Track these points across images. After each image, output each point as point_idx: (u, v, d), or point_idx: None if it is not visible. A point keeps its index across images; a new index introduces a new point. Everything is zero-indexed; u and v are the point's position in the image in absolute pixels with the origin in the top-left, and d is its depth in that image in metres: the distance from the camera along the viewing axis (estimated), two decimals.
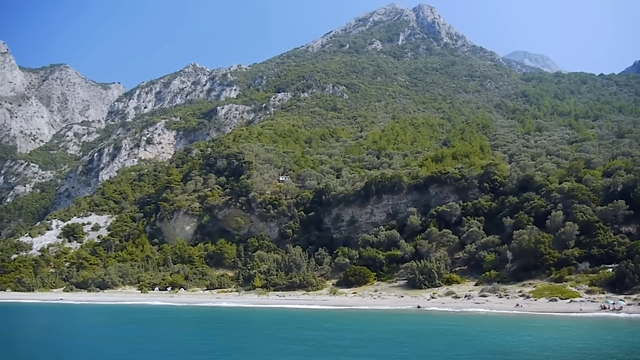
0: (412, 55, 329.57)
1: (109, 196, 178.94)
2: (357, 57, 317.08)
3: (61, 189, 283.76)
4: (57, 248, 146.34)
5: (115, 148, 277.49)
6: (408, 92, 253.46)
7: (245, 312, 74.45)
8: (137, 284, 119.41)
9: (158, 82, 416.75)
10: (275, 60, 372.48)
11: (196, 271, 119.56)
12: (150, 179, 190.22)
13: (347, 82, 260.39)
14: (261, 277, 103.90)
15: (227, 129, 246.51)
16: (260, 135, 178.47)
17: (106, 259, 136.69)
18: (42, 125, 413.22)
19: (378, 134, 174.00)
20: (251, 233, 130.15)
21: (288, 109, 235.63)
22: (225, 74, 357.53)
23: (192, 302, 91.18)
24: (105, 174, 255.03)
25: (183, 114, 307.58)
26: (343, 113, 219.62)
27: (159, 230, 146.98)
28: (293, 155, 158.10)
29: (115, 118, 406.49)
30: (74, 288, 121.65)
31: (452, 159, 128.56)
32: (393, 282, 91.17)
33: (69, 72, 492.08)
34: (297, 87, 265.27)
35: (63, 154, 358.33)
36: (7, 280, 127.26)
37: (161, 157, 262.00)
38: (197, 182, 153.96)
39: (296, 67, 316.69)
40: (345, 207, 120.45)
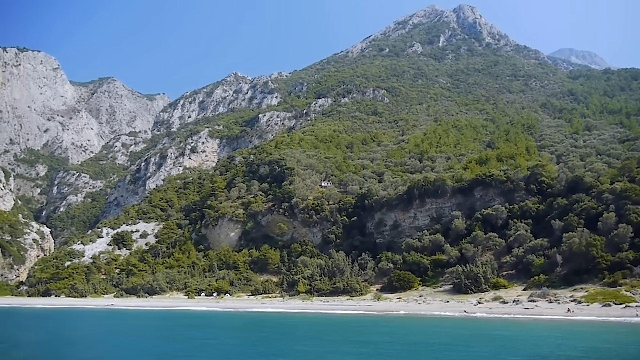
0: (454, 57, 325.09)
1: (155, 204, 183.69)
2: (397, 60, 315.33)
3: (110, 198, 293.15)
4: (107, 255, 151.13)
5: (161, 157, 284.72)
6: (450, 94, 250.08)
7: (291, 317, 74.70)
8: (184, 290, 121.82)
9: (201, 92, 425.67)
10: (315, 67, 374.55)
11: (241, 277, 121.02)
12: (195, 187, 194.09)
13: (387, 85, 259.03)
14: (305, 283, 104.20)
15: (269, 135, 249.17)
16: (301, 141, 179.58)
17: (154, 266, 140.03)
18: (92, 137, 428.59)
19: (420, 137, 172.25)
20: (294, 239, 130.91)
21: (329, 114, 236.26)
22: (266, 82, 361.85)
23: (239, 307, 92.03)
24: (152, 182, 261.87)
25: (226, 122, 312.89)
26: (384, 117, 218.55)
27: (204, 236, 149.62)
28: (334, 161, 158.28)
29: (161, 128, 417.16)
30: (124, 294, 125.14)
31: (497, 160, 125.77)
32: (438, 287, 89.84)
33: (116, 85, 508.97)
34: (338, 93, 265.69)
35: (112, 164, 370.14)
36: (61, 286, 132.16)
37: (205, 165, 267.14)
38: (240, 189, 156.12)
39: (336, 73, 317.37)
40: (388, 211, 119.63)
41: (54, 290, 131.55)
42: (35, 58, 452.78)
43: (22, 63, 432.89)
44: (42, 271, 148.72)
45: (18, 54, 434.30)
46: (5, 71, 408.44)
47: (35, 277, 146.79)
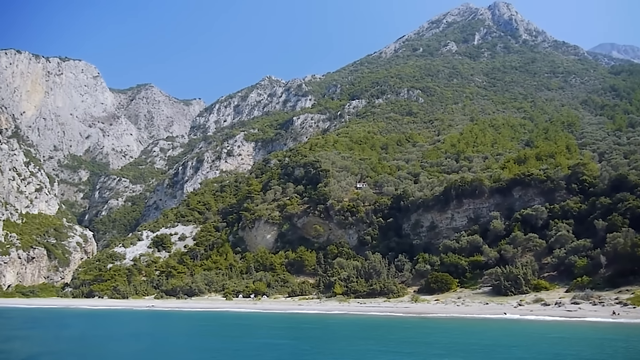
0: (489, 55, 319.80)
1: (193, 207, 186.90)
2: (431, 60, 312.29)
3: (150, 202, 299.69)
4: (147, 257, 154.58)
5: (198, 161, 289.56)
6: (486, 93, 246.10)
7: (331, 318, 74.77)
8: (222, 292, 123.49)
9: (236, 96, 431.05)
10: (349, 68, 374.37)
11: (278, 278, 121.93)
12: (232, 190, 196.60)
13: (422, 85, 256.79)
14: (341, 284, 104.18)
15: (303, 138, 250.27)
16: (336, 143, 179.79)
17: (193, 268, 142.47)
18: (131, 142, 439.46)
19: (456, 137, 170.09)
20: (330, 240, 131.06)
21: (363, 115, 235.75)
22: (300, 85, 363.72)
23: (278, 308, 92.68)
24: (189, 186, 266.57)
25: (261, 125, 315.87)
26: (419, 117, 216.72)
27: (242, 239, 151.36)
28: (369, 162, 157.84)
29: (197, 132, 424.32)
30: (164, 295, 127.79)
31: (536, 160, 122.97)
32: (477, 289, 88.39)
33: (153, 91, 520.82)
34: (371, 94, 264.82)
35: (150, 169, 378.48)
36: (104, 288, 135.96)
37: (241, 168, 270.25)
38: (276, 192, 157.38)
39: (370, 74, 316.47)
40: (425, 212, 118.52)
41: (97, 291, 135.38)
42: (76, 67, 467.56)
43: (64, 72, 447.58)
44: (85, 273, 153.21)
45: (60, 63, 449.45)
46: (48, 80, 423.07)
47: (80, 279, 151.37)
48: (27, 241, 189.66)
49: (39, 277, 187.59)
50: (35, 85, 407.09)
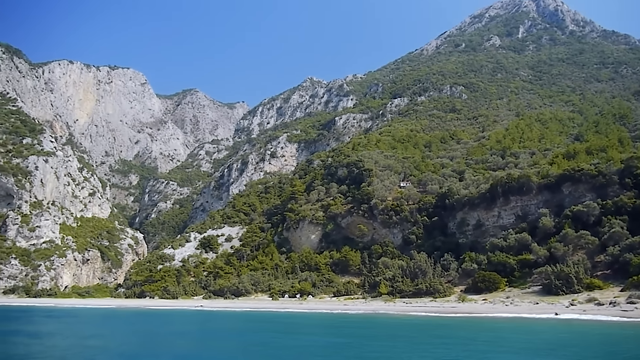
0: (534, 48, 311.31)
1: (239, 209, 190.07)
2: (474, 55, 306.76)
3: (197, 204, 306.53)
4: (195, 258, 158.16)
5: (243, 163, 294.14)
6: (532, 87, 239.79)
7: (380, 318, 74.78)
8: (268, 292, 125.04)
9: (278, 98, 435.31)
10: (390, 67, 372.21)
11: (323, 278, 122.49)
12: (276, 191, 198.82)
13: (465, 82, 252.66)
14: (387, 284, 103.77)
15: (345, 138, 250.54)
16: (378, 142, 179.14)
17: (239, 268, 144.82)
18: (178, 146, 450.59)
19: (501, 132, 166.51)
20: (374, 240, 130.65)
21: (405, 114, 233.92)
22: (342, 85, 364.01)
23: (324, 308, 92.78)
24: (235, 188, 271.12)
25: (303, 126, 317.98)
26: (463, 114, 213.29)
27: (286, 239, 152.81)
28: (413, 161, 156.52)
29: (241, 135, 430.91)
30: (212, 295, 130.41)
31: (587, 154, 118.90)
32: (526, 289, 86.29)
33: (198, 96, 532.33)
34: (414, 92, 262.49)
35: (197, 172, 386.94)
36: (154, 288, 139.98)
37: (285, 170, 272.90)
38: (319, 192, 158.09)
39: (411, 72, 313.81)
40: (470, 210, 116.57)
41: (148, 292, 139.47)
42: (125, 75, 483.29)
43: (113, 80, 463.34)
44: (137, 274, 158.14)
45: (110, 72, 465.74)
46: (99, 89, 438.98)
47: (132, 279, 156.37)
48: (82, 244, 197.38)
49: (93, 278, 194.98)
50: (87, 94, 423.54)
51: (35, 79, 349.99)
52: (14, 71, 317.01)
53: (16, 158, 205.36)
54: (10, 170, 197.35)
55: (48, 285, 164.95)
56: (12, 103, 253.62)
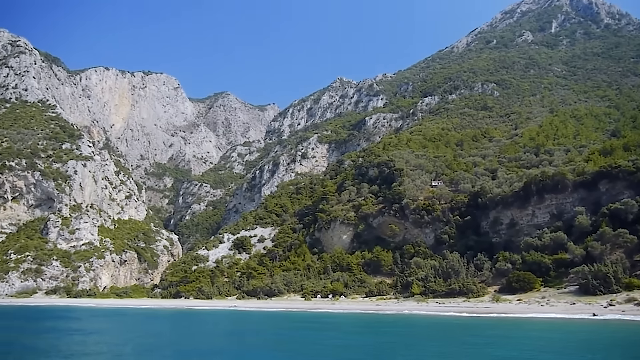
0: (568, 43, 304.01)
1: (271, 210, 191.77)
2: (505, 51, 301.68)
3: (230, 205, 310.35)
4: (229, 259, 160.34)
5: (274, 164, 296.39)
6: (566, 83, 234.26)
7: (415, 318, 74.65)
8: (300, 292, 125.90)
9: (308, 99, 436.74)
10: (420, 65, 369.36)
11: (355, 279, 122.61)
12: (307, 192, 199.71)
13: (496, 79, 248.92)
14: (419, 284, 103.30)
15: (376, 138, 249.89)
16: (409, 142, 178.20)
17: (272, 269, 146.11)
18: (211, 149, 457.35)
19: (535, 130, 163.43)
20: (406, 240, 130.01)
21: (436, 112, 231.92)
22: (371, 85, 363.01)
23: (357, 308, 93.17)
24: (266, 189, 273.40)
25: (333, 127, 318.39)
26: (495, 111, 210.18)
27: (318, 240, 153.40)
28: (444, 159, 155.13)
29: (272, 136, 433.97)
30: (245, 296, 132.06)
31: (624, 150, 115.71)
32: (562, 288, 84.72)
33: (230, 99, 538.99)
34: (444, 90, 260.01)
35: (229, 174, 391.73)
36: (189, 289, 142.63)
37: (316, 170, 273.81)
38: (350, 192, 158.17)
39: (442, 70, 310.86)
40: (504, 209, 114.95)
41: (183, 292, 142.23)
42: (158, 80, 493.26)
43: (147, 85, 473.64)
44: (172, 275, 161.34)
45: (144, 77, 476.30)
46: (134, 94, 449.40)
47: (167, 280, 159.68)
48: (120, 245, 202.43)
49: (130, 279, 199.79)
50: (122, 99, 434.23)
51: (73, 86, 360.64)
52: (53, 79, 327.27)
53: (56, 163, 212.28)
54: (50, 174, 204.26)
55: (87, 286, 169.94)
56: (52, 110, 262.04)
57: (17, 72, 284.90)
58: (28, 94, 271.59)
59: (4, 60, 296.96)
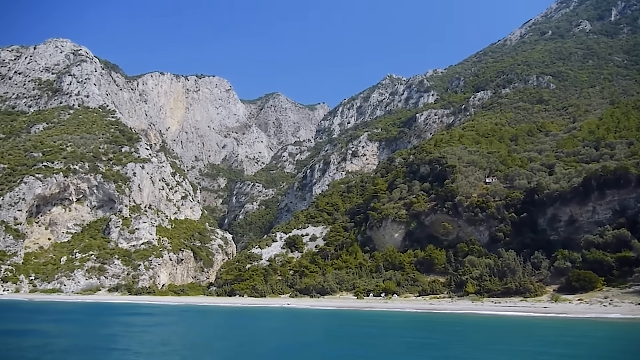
0: (629, 30, 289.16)
1: (322, 208, 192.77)
2: (562, 42, 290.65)
3: (281, 205, 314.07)
4: (282, 258, 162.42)
5: (325, 163, 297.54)
6: (627, 73, 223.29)
7: (470, 317, 73.61)
8: (352, 290, 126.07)
9: (358, 98, 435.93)
10: (472, 60, 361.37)
11: (407, 277, 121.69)
12: (358, 190, 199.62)
13: (552, 71, 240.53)
14: (474, 283, 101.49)
15: (427, 134, 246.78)
16: (461, 138, 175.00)
17: (324, 267, 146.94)
18: (262, 149, 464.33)
19: (594, 122, 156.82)
20: (460, 238, 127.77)
21: (489, 107, 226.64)
22: (422, 81, 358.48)
23: (411, 307, 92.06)
24: (317, 188, 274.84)
25: (384, 124, 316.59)
26: (551, 105, 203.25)
27: (370, 238, 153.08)
28: (498, 155, 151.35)
29: (323, 135, 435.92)
30: (298, 294, 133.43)
31: None
32: (626, 288, 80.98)
33: (280, 99, 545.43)
34: (497, 84, 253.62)
35: (281, 173, 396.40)
36: (243, 287, 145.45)
37: (366, 169, 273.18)
38: (402, 190, 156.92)
39: (494, 63, 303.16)
40: (562, 205, 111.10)
41: (238, 290, 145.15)
42: (211, 82, 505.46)
43: (200, 88, 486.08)
44: (227, 273, 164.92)
45: (197, 80, 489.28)
46: (188, 97, 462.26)
47: (222, 278, 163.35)
48: (177, 244, 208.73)
49: (187, 277, 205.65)
50: (177, 102, 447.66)
51: (130, 91, 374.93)
52: (112, 85, 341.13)
53: (116, 165, 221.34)
54: (111, 177, 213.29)
55: (147, 284, 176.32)
56: (111, 115, 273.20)
57: (79, 79, 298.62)
58: (89, 100, 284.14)
59: (67, 68, 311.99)
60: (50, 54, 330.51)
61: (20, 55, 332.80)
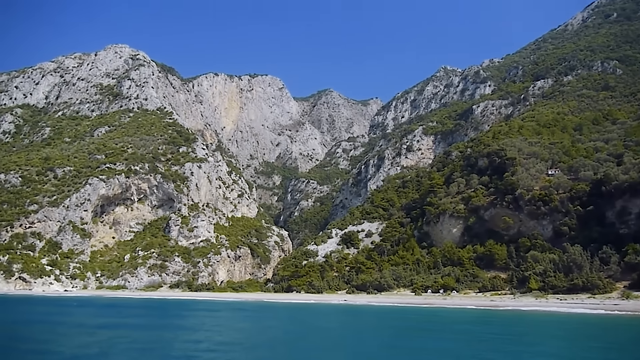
0: None
1: (377, 204, 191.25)
2: (628, 25, 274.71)
3: (336, 201, 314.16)
4: (337, 254, 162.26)
5: (379, 159, 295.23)
6: None
7: (535, 315, 70.76)
8: (410, 287, 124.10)
9: (412, 91, 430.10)
10: (530, 47, 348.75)
11: (467, 273, 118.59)
12: (414, 185, 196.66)
13: (618, 55, 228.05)
14: (537, 279, 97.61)
15: (484, 126, 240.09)
16: (521, 129, 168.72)
17: (380, 263, 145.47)
18: (316, 146, 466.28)
19: None
20: (521, 232, 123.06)
21: (550, 96, 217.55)
22: (478, 71, 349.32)
23: (472, 304, 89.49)
24: (372, 184, 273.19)
25: (439, 118, 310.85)
26: (617, 91, 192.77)
27: (427, 233, 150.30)
28: (561, 146, 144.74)
29: (376, 131, 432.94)
30: (355, 290, 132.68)
31: None
32: None
33: (333, 96, 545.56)
34: (559, 71, 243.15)
35: (335, 169, 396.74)
36: (300, 283, 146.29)
37: (422, 163, 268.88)
38: (459, 184, 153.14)
39: (555, 50, 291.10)
40: (632, 197, 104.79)
41: (295, 286, 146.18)
42: (264, 81, 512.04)
43: (254, 87, 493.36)
44: (284, 270, 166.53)
45: (250, 80, 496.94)
46: (242, 97, 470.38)
47: (279, 275, 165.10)
48: (234, 242, 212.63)
49: (245, 274, 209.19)
50: (232, 102, 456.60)
51: (186, 93, 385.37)
52: (169, 87, 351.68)
53: (174, 166, 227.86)
54: (170, 177, 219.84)
55: (206, 280, 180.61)
56: (169, 116, 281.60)
57: (138, 83, 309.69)
58: (148, 103, 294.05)
59: (126, 73, 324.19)
60: (110, 60, 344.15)
61: (82, 62, 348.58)
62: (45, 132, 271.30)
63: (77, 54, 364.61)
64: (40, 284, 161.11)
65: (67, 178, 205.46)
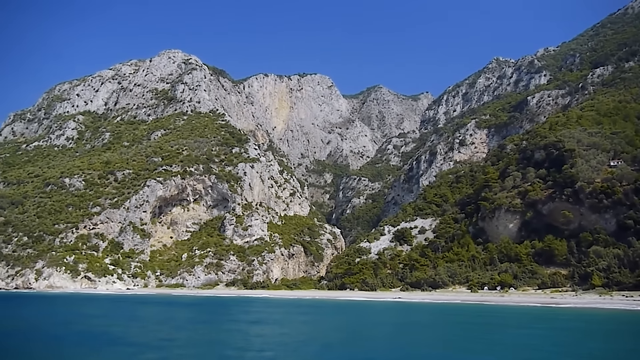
0: None
1: (430, 200, 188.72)
2: None
3: (388, 198, 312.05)
4: (391, 251, 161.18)
5: (431, 154, 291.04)
6: None
7: (603, 313, 67.90)
8: (466, 284, 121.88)
9: (463, 84, 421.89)
10: (588, 34, 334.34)
11: (524, 270, 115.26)
12: (468, 180, 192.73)
13: None
14: (600, 275, 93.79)
15: (540, 118, 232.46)
16: (580, 119, 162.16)
17: (434, 260, 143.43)
18: (367, 143, 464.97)
19: None
20: (582, 227, 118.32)
21: (610, 84, 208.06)
22: (532, 61, 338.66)
23: (532, 302, 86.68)
24: (424, 179, 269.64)
25: (492, 110, 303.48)
26: None
27: (482, 229, 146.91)
28: (624, 136, 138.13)
29: (428, 126, 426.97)
30: (409, 287, 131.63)
31: None
32: None
33: (382, 92, 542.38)
34: (619, 57, 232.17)
35: (386, 166, 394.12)
36: (353, 280, 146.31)
37: (475, 157, 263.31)
38: (515, 178, 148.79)
39: (614, 35, 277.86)
40: None
41: (348, 284, 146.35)
42: (313, 80, 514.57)
43: (303, 87, 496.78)
44: (337, 267, 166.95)
45: (300, 79, 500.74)
46: (291, 96, 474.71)
47: (332, 272, 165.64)
48: (287, 240, 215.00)
49: (298, 272, 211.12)
50: (282, 102, 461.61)
51: (237, 94, 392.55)
52: (220, 90, 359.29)
53: (228, 166, 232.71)
54: (224, 177, 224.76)
55: (261, 278, 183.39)
56: (221, 118, 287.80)
57: (191, 87, 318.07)
58: (201, 105, 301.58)
59: (180, 77, 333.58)
60: (164, 65, 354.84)
61: (138, 68, 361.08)
62: (105, 137, 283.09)
63: (133, 60, 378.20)
64: (104, 283, 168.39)
65: (126, 181, 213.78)
